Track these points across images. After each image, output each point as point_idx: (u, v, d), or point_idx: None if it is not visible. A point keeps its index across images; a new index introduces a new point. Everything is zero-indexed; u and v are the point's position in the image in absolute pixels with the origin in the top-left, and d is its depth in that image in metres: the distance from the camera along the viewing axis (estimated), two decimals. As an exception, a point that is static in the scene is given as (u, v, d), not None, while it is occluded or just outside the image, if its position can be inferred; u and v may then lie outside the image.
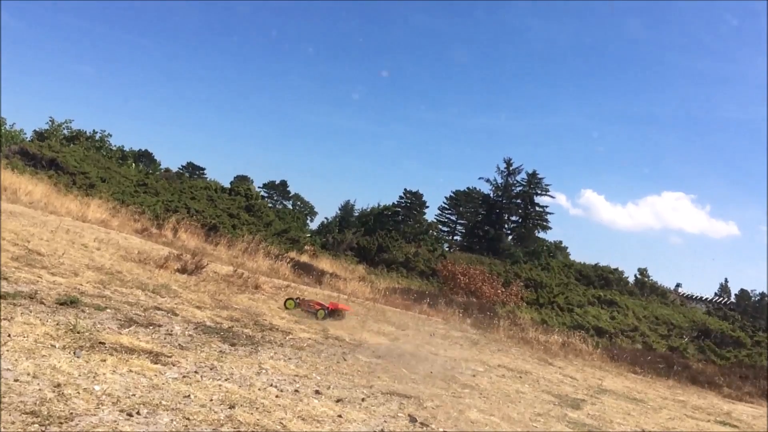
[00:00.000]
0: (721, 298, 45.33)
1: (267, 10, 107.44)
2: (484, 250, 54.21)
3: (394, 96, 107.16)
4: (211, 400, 5.09)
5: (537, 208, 59.18)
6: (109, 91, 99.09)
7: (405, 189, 60.88)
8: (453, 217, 63.45)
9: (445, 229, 63.43)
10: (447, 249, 53.74)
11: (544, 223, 58.74)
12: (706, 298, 43.28)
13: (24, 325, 5.88)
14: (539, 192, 59.36)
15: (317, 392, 6.33)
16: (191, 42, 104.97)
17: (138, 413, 4.31)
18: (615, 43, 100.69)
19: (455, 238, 63.00)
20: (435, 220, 62.37)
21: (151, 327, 7.44)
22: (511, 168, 59.95)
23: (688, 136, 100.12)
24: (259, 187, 55.88)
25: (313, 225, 65.44)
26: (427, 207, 61.62)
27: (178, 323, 8.14)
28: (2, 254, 9.36)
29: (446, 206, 63.61)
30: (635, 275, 37.81)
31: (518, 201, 59.47)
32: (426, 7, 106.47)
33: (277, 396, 5.80)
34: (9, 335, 5.43)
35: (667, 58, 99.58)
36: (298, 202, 66.98)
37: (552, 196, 60.97)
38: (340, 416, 5.61)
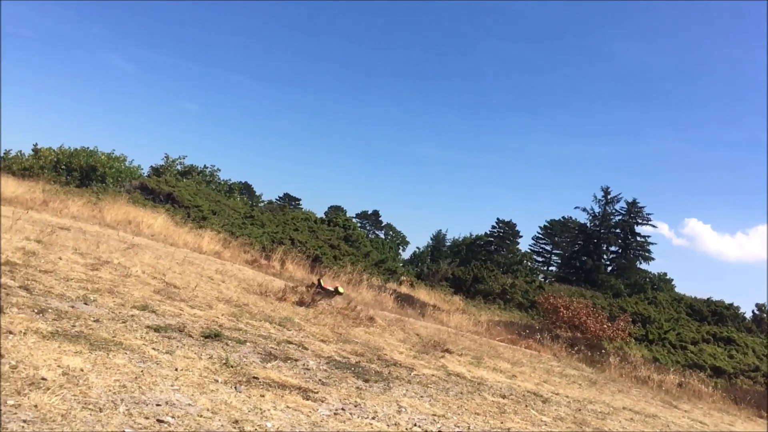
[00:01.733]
0: None
1: (354, 44, 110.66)
2: (581, 282, 52.56)
3: (479, 124, 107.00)
4: (369, 439, 5.18)
5: (638, 238, 56.90)
6: (209, 125, 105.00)
7: (498, 218, 60.35)
8: (548, 248, 62.07)
9: (540, 259, 62.12)
10: (542, 280, 52.47)
11: (646, 254, 56.34)
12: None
13: (185, 359, 6.24)
14: (640, 221, 57.13)
15: (460, 433, 6.30)
16: (281, 77, 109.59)
17: (311, 452, 4.45)
18: (713, 65, 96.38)
19: (550, 268, 61.52)
20: (529, 250, 61.26)
21: (289, 361, 7.69)
22: (609, 197, 58.15)
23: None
24: (353, 218, 56.97)
25: (405, 254, 65.89)
26: (521, 237, 60.68)
27: (311, 357, 8.36)
28: (145, 288, 10.01)
29: (540, 236, 62.36)
30: (753, 311, 35.37)
31: (617, 231, 57.42)
32: (510, 35, 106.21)
33: (424, 437, 5.82)
34: (176, 369, 5.78)
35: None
36: (390, 232, 67.68)
37: (654, 226, 58.57)
38: (490, 460, 5.55)
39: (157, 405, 4.51)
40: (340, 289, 16.47)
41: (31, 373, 4.43)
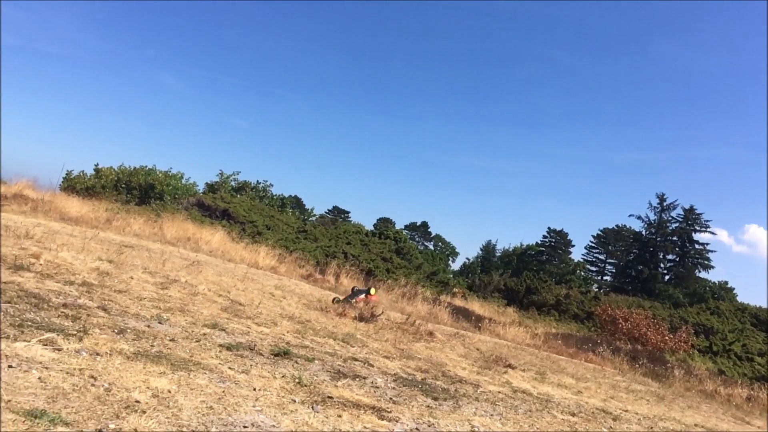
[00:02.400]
0: None
1: (403, 60, 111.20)
2: (637, 292, 51.12)
3: (530, 134, 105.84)
4: (449, 461, 5.15)
5: (696, 246, 55.05)
6: (259, 141, 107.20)
7: (548, 227, 59.39)
8: (602, 257, 60.68)
9: (594, 269, 60.74)
10: (597, 290, 51.29)
11: (706, 262, 54.37)
12: None
13: (261, 378, 6.35)
14: (698, 228, 55.26)
15: (535, 454, 6.21)
16: (327, 92, 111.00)
17: (395, 475, 4.46)
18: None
19: (605, 278, 60.09)
20: (582, 260, 60.03)
21: (358, 379, 7.72)
22: (664, 204, 56.54)
23: None
24: (402, 229, 56.95)
25: (455, 266, 65.44)
26: (573, 246, 59.55)
27: (378, 375, 8.38)
28: (213, 306, 10.23)
29: (593, 245, 61.04)
30: (823, 321, 33.69)
31: (674, 238, 55.68)
32: (562, 44, 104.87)
33: (501, 458, 5.76)
34: (254, 388, 5.89)
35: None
36: (440, 243, 67.32)
37: (713, 233, 56.67)
38: (571, 483, 5.45)
39: (245, 427, 4.60)
40: (372, 291, 16.83)
41: (125, 395, 4.58)
